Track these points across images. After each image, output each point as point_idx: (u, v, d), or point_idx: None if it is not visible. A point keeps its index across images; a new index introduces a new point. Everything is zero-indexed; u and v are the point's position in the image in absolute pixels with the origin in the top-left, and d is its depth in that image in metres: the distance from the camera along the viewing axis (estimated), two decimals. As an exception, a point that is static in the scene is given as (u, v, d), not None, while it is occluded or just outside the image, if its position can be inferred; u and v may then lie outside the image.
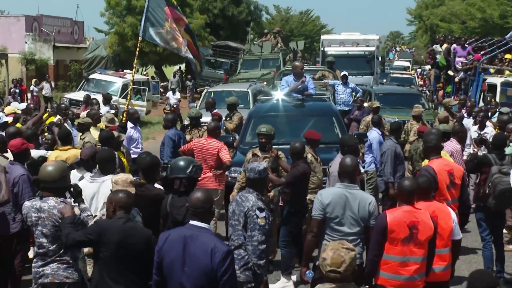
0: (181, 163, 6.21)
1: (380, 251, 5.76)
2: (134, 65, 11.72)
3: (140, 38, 10.54)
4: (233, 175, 9.82)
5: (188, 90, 32.64)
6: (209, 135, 9.93)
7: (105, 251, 5.26)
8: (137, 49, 10.95)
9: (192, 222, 4.85)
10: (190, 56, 11.45)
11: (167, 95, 26.78)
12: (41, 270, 5.82)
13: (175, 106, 24.97)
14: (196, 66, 12.35)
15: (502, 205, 8.40)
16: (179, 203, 6.04)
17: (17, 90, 26.29)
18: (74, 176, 7.28)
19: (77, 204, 5.98)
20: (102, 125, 11.48)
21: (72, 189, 6.15)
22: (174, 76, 34.04)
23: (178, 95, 26.42)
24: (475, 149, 10.93)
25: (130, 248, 5.24)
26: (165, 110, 24.95)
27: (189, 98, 30.08)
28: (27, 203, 5.99)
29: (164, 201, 6.28)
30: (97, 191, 6.82)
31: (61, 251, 5.77)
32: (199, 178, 9.62)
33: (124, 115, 10.15)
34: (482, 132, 11.81)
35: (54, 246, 5.76)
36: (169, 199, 6.16)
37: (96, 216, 6.17)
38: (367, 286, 6.05)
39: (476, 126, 12.35)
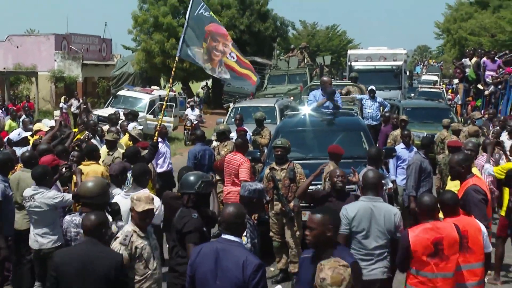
0: (191, 178, 6.11)
1: (406, 268, 5.70)
2: (170, 84, 11.68)
3: (176, 58, 10.38)
4: None
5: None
6: (237, 150, 9.99)
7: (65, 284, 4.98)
8: (173, 69, 10.88)
9: (224, 235, 4.85)
10: (226, 76, 10.80)
11: (186, 111, 26.79)
12: None
13: (195, 122, 25.07)
14: (250, 84, 11.03)
15: None
16: (183, 214, 6.00)
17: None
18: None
19: (114, 221, 5.97)
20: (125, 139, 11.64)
21: (110, 207, 6.16)
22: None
23: (196, 111, 26.61)
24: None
25: (93, 274, 4.90)
26: (185, 127, 25.07)
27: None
28: (67, 218, 6.05)
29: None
30: None
31: None
32: (225, 192, 9.75)
33: (156, 134, 10.16)
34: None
35: None
36: (178, 211, 6.10)
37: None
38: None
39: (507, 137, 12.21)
